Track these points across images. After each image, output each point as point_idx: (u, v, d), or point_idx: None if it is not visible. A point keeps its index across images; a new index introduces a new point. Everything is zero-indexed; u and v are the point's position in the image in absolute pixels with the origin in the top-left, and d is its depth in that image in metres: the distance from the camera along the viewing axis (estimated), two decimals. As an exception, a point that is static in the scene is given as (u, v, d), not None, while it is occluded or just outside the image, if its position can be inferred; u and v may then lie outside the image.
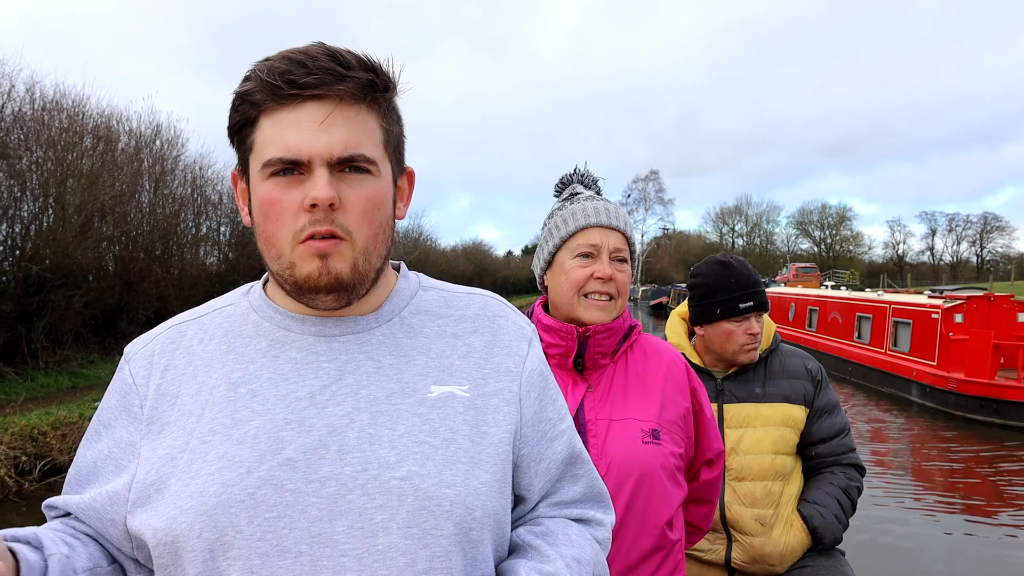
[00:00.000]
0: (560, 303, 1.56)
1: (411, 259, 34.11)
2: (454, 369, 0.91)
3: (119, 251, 15.50)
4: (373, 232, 0.86)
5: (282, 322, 0.91)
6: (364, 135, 0.84)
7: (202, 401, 0.86)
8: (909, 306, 13.60)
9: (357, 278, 0.86)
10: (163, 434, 0.86)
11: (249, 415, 0.84)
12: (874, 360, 14.49)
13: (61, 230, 13.05)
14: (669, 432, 1.50)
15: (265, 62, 0.84)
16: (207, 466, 0.82)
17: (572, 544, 0.92)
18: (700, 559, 2.12)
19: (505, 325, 0.98)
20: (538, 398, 0.96)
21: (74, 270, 13.32)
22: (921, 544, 6.41)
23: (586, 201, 1.56)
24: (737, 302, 2.07)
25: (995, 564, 5.99)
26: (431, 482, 0.82)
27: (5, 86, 12.70)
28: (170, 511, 0.81)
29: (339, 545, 0.79)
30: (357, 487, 0.81)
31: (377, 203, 0.86)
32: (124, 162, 15.64)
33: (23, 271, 12.32)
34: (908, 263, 79.46)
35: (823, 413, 2.16)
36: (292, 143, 0.81)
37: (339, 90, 0.81)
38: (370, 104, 0.85)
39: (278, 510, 0.80)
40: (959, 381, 11.37)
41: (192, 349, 0.91)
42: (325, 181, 0.81)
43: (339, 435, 0.83)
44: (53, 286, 12.82)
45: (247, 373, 0.87)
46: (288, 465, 0.81)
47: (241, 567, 0.78)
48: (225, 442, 0.83)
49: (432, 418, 0.86)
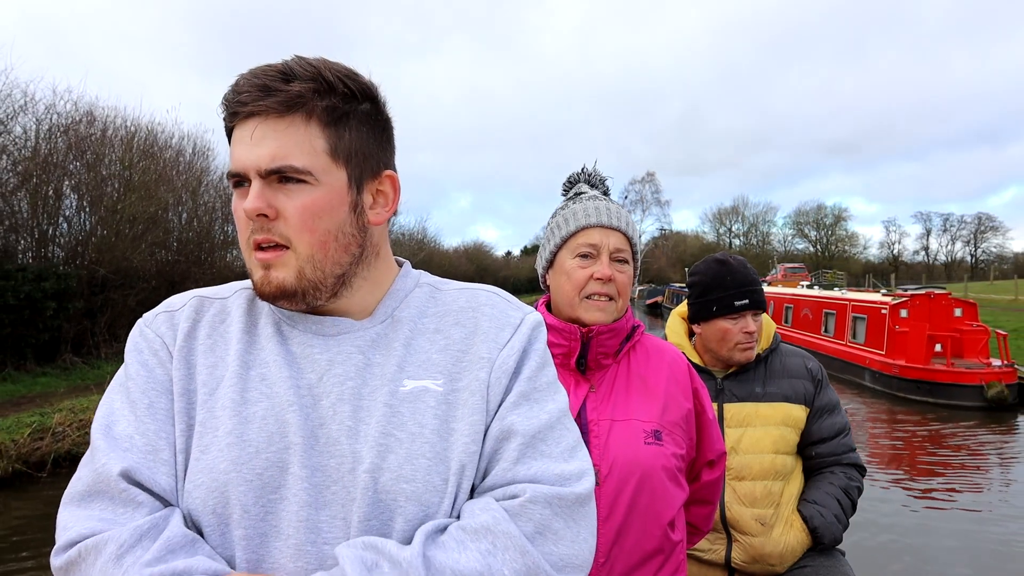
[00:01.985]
0: (561, 303, 1.56)
1: (416, 260, 35.52)
2: (431, 363, 0.91)
3: (165, 256, 17.38)
4: (318, 240, 0.87)
5: (288, 317, 0.94)
6: (295, 146, 0.85)
7: (218, 376, 0.89)
8: (865, 303, 15.49)
9: (307, 285, 0.87)
10: (183, 399, 0.89)
11: (258, 396, 0.87)
12: (837, 351, 16.31)
13: (119, 238, 14.93)
14: (671, 433, 1.50)
15: (234, 80, 0.87)
16: (216, 441, 0.84)
17: (450, 550, 0.78)
18: (700, 559, 2.12)
19: (489, 314, 0.96)
20: (509, 384, 0.91)
21: (130, 272, 15.20)
22: (884, 514, 7.11)
23: (588, 201, 1.56)
24: (733, 299, 2.08)
25: (918, 526, 7.08)
26: (389, 476, 0.82)
27: (75, 115, 14.64)
28: (184, 484, 0.84)
29: (323, 532, 0.81)
30: (339, 479, 0.83)
31: (315, 212, 0.86)
32: (168, 175, 17.52)
33: (90, 273, 14.17)
34: (904, 263, 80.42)
35: (823, 413, 2.17)
36: (237, 157, 0.86)
37: (263, 105, 0.84)
38: (307, 115, 0.85)
39: (280, 492, 0.82)
40: (900, 367, 13.22)
41: (214, 324, 0.94)
42: (255, 193, 0.84)
43: (326, 427, 0.85)
44: (113, 286, 14.67)
45: (259, 357, 0.90)
46: (291, 449, 0.83)
47: (245, 546, 0.81)
48: (234, 418, 0.85)
49: (402, 411, 0.86)
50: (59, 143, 14.33)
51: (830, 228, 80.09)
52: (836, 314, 16.89)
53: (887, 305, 14.25)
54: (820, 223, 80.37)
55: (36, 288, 12.46)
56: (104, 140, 15.43)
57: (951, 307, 13.99)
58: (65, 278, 13.28)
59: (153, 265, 16.98)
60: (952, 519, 7.04)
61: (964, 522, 6.95)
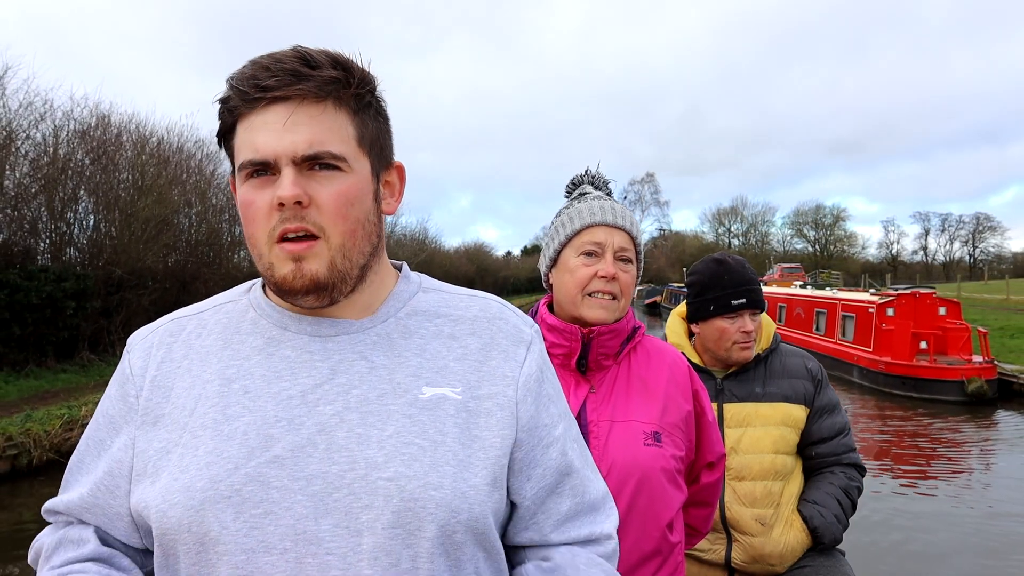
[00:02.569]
0: (564, 301, 1.56)
1: (418, 260, 35.10)
2: (448, 371, 0.91)
3: (176, 257, 17.94)
4: (349, 228, 0.86)
5: (279, 320, 0.91)
6: (330, 132, 0.84)
7: (195, 395, 0.87)
8: (853, 302, 16.08)
9: (336, 277, 0.86)
10: (157, 426, 0.88)
11: (240, 411, 0.85)
12: (827, 348, 16.85)
13: (133, 240, 15.48)
14: (670, 435, 1.51)
15: (240, 69, 0.86)
16: (196, 461, 0.83)
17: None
18: (700, 559, 2.13)
19: (504, 328, 0.97)
20: (534, 403, 0.94)
21: (144, 273, 15.76)
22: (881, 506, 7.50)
23: (593, 200, 1.57)
24: (730, 299, 2.08)
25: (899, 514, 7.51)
26: (417, 483, 0.82)
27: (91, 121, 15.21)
28: (159, 504, 0.82)
29: (324, 543, 0.80)
30: (344, 486, 0.81)
31: (350, 199, 0.86)
32: (180, 178, 18.08)
33: (106, 273, 14.72)
34: (903, 262, 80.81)
35: (823, 413, 2.17)
36: (260, 145, 0.83)
37: (300, 90, 0.83)
38: (337, 101, 0.86)
39: (264, 507, 0.80)
40: (886, 363, 13.78)
41: (190, 343, 0.92)
42: (290, 180, 0.82)
43: (328, 434, 0.83)
44: (128, 286, 15.22)
45: (241, 370, 0.88)
46: (276, 462, 0.82)
47: (228, 562, 0.80)
48: (215, 437, 0.84)
49: (422, 419, 0.86)
50: (77, 148, 14.91)
51: (829, 228, 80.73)
52: (827, 313, 17.45)
53: (874, 304, 14.82)
54: (819, 223, 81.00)
55: (57, 288, 13.02)
56: (119, 145, 16.00)
57: (936, 306, 14.53)
58: (83, 279, 13.84)
59: (165, 266, 17.54)
60: (939, 511, 7.36)
61: (949, 512, 7.27)
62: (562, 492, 0.96)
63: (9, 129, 13.20)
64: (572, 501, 0.97)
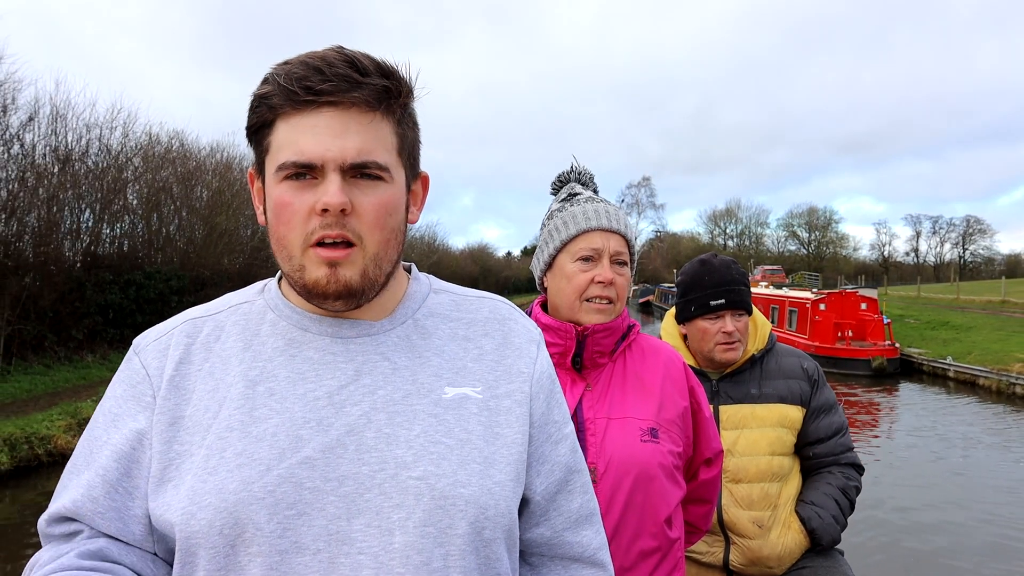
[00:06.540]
0: (561, 306, 1.57)
1: (429, 263, 37.62)
2: (467, 371, 0.93)
3: (240, 260, 21.76)
4: (384, 238, 0.87)
5: (299, 322, 0.92)
6: (378, 142, 0.85)
7: (219, 398, 0.87)
8: (797, 299, 20.01)
9: (367, 284, 0.87)
10: (177, 427, 0.87)
11: (267, 413, 0.85)
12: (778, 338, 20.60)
13: (214, 246, 19.28)
14: (667, 431, 1.52)
15: (283, 66, 0.85)
16: (225, 463, 0.83)
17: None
18: (698, 561, 2.13)
19: (515, 328, 1.00)
20: (546, 400, 0.97)
21: (221, 273, 19.54)
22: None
23: (586, 203, 1.57)
24: (709, 299, 2.07)
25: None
26: (447, 482, 0.84)
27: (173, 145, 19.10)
28: (186, 506, 0.82)
29: (356, 543, 0.81)
30: (374, 486, 0.82)
31: (389, 209, 0.87)
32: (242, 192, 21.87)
33: (197, 274, 18.49)
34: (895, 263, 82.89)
35: (820, 413, 2.16)
36: (306, 148, 0.82)
37: (354, 97, 0.83)
38: (385, 111, 0.86)
39: (297, 508, 0.81)
40: (816, 347, 17.54)
41: (208, 345, 0.92)
42: (337, 187, 0.82)
43: (357, 435, 0.84)
44: (211, 284, 18.93)
45: (265, 371, 0.88)
46: (307, 463, 0.82)
47: (261, 563, 0.80)
48: (243, 439, 0.84)
49: (447, 419, 0.88)
50: (165, 171, 18.73)
51: (822, 230, 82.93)
52: (778, 308, 21.25)
53: (810, 301, 18.64)
54: (812, 225, 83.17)
55: (166, 286, 16.82)
56: (200, 166, 19.85)
57: (858, 302, 18.47)
58: (182, 278, 17.63)
59: (233, 268, 21.31)
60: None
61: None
62: (572, 489, 0.99)
63: (126, 158, 17.01)
64: (582, 499, 1.00)
